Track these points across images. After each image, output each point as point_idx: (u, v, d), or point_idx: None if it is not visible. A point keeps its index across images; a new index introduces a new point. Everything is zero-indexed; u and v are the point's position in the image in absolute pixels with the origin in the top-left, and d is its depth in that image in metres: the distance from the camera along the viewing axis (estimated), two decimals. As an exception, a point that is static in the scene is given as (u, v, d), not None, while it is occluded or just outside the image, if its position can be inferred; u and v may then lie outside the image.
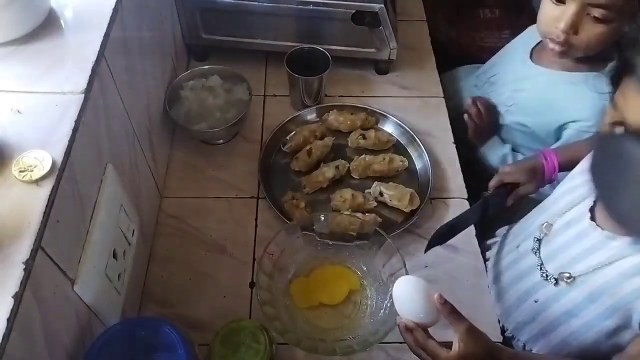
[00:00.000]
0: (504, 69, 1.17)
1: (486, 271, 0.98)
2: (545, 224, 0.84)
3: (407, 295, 0.72)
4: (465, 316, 0.70)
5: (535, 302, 0.83)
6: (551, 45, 0.98)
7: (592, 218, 0.76)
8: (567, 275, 0.77)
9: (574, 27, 0.92)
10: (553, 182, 0.96)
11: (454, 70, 1.33)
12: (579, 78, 1.01)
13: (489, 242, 1.05)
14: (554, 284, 0.79)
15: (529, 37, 1.12)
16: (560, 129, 1.04)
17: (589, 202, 0.77)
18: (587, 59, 1.00)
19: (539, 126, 1.08)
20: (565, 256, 0.78)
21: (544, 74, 1.06)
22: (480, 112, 1.11)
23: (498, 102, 1.14)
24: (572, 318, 0.77)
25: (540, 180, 0.96)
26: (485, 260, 1.00)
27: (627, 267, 0.70)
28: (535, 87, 1.08)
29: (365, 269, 0.93)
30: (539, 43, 1.09)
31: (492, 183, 0.97)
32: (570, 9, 0.91)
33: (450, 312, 0.69)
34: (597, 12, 0.88)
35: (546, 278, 0.81)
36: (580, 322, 0.76)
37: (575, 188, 0.82)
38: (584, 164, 0.84)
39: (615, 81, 0.67)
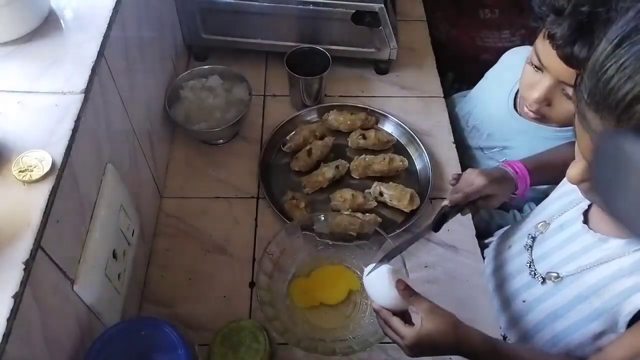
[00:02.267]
0: (487, 114, 1.13)
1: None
2: (542, 223, 0.83)
3: (375, 284, 0.76)
4: (455, 312, 0.72)
5: (523, 302, 0.83)
6: (526, 109, 0.96)
7: (585, 222, 0.75)
8: (555, 275, 0.77)
9: (546, 101, 0.89)
10: (525, 195, 0.91)
11: (452, 96, 1.31)
12: (571, 133, 0.97)
13: (486, 241, 1.05)
14: (541, 283, 0.79)
15: (508, 77, 1.06)
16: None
17: (583, 206, 0.77)
18: None
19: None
20: (555, 257, 0.78)
21: (536, 130, 1.01)
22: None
23: (489, 155, 1.13)
24: (559, 319, 0.77)
25: (509, 193, 0.88)
26: (484, 258, 1.00)
27: (617, 268, 0.69)
28: (527, 144, 1.03)
29: (365, 269, 0.93)
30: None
31: (457, 199, 0.84)
32: (545, 82, 0.88)
33: (411, 295, 0.72)
34: (571, 92, 0.82)
35: (534, 276, 0.81)
36: (567, 323, 0.75)
37: (571, 191, 0.81)
38: None
39: None
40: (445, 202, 0.86)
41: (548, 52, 0.84)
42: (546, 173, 0.91)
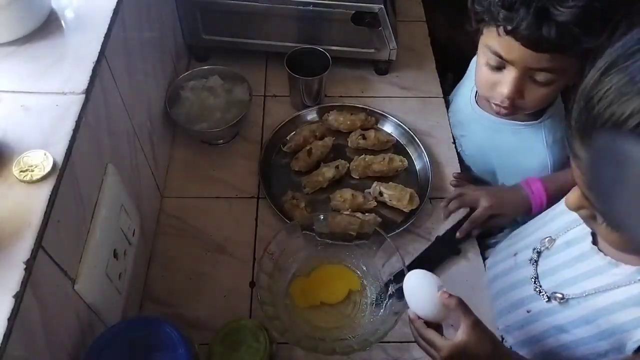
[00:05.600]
0: (457, 105, 1.16)
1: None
2: (548, 238, 0.81)
3: (414, 290, 0.74)
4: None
5: (528, 312, 0.82)
6: (495, 108, 0.94)
7: (594, 242, 0.73)
8: (560, 296, 0.75)
9: (518, 93, 0.88)
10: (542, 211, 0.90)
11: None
12: (520, 126, 0.99)
13: (488, 241, 1.05)
14: (547, 301, 0.78)
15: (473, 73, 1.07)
16: (495, 175, 1.05)
17: None
18: None
19: (481, 172, 1.10)
20: (561, 275, 0.77)
21: (486, 119, 1.03)
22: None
23: (459, 143, 1.15)
24: (563, 334, 0.76)
25: (521, 211, 0.88)
26: (485, 258, 1.00)
27: (628, 295, 0.68)
28: (477, 133, 1.07)
29: (365, 268, 0.93)
30: None
31: (466, 229, 0.86)
32: (511, 74, 0.86)
33: (457, 304, 0.70)
34: (540, 76, 0.84)
35: (539, 293, 0.79)
36: (571, 338, 0.74)
37: None
38: None
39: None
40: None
41: (510, 47, 0.83)
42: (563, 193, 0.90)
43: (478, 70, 0.94)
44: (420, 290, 0.73)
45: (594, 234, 0.74)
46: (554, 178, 0.94)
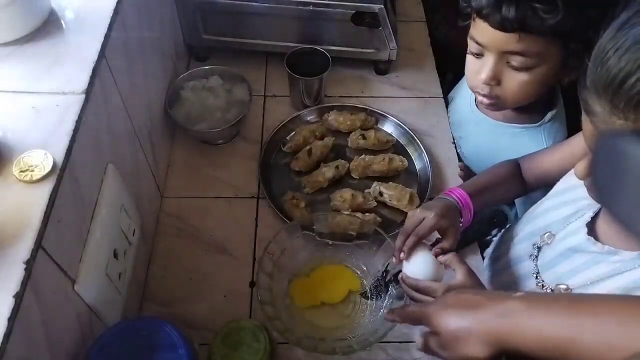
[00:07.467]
0: (457, 106, 1.17)
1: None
2: (547, 234, 0.81)
3: (410, 258, 0.79)
4: None
5: None
6: (479, 98, 0.97)
7: (590, 233, 0.74)
8: (564, 287, 0.75)
9: (495, 78, 0.90)
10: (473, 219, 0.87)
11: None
12: (519, 130, 1.00)
13: (487, 238, 1.05)
14: None
15: None
16: None
17: (587, 217, 0.75)
18: (527, 109, 0.98)
19: None
20: (561, 268, 0.77)
21: (486, 122, 1.05)
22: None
23: (458, 144, 1.15)
24: None
25: (458, 221, 0.85)
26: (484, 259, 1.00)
27: (629, 280, 0.68)
28: (477, 136, 1.08)
29: (365, 268, 0.93)
30: None
31: (409, 244, 0.79)
32: (488, 59, 0.89)
33: (453, 256, 0.77)
34: (515, 61, 0.86)
35: (542, 288, 0.79)
36: None
37: (571, 201, 0.80)
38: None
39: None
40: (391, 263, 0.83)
41: (483, 30, 0.86)
42: (487, 195, 0.90)
43: (466, 61, 0.97)
44: (415, 255, 0.78)
45: (589, 225, 0.75)
46: (472, 183, 0.92)
